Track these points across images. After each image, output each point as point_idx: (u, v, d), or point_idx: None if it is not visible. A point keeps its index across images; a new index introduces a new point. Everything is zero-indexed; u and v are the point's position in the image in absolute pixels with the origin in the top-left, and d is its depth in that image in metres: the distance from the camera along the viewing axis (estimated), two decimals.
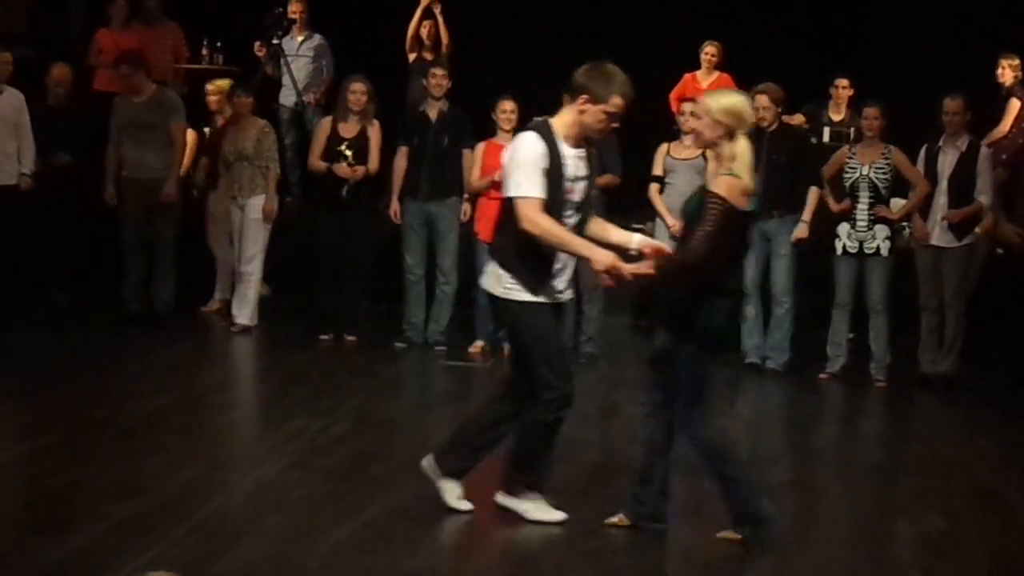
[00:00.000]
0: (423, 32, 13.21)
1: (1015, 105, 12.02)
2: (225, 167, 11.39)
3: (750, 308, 10.48)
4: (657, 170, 10.77)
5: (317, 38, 13.25)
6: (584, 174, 6.33)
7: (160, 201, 11.00)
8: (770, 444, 8.74)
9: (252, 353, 11.03)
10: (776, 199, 10.22)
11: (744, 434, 8.43)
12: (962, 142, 10.20)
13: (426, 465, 6.60)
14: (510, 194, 6.26)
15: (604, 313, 10.70)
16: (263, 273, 11.34)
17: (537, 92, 10.90)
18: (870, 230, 10.20)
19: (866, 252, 10.22)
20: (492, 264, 6.42)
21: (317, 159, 10.85)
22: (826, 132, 12.22)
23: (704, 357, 6.16)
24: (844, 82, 12.22)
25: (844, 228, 10.24)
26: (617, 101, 6.25)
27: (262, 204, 11.15)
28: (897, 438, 9.19)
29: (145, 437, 7.89)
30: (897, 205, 10.45)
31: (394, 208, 10.92)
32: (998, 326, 10.42)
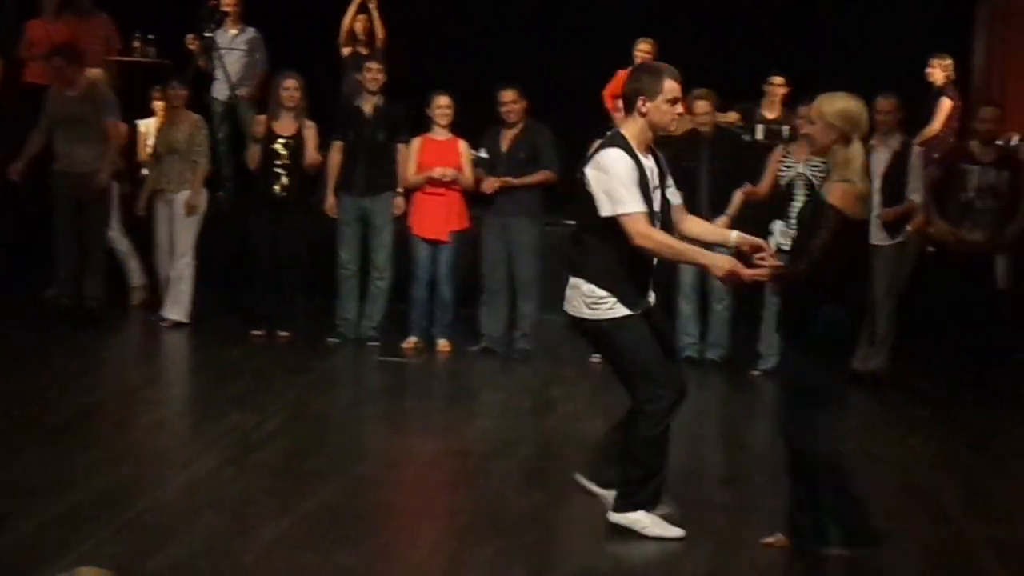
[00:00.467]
0: (358, 27, 13.18)
1: (946, 104, 12.16)
2: (155, 160, 11.30)
3: (687, 306, 10.56)
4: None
5: (250, 31, 13.15)
6: (658, 183, 6.26)
7: (91, 194, 10.89)
8: (703, 439, 8.76)
9: (184, 349, 10.93)
10: (719, 204, 10.27)
11: (676, 429, 8.42)
12: (895, 141, 10.29)
13: (616, 519, 6.35)
14: (613, 212, 6.09)
15: (539, 310, 10.67)
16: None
17: (472, 87, 11.00)
18: None
19: None
20: (578, 286, 6.24)
21: (254, 161, 10.77)
22: (759, 130, 12.29)
23: (818, 366, 6.06)
24: (779, 80, 12.28)
25: (778, 225, 10.25)
26: (671, 84, 6.22)
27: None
28: None
29: (76, 434, 7.81)
30: None
31: (330, 203, 10.84)
32: (929, 324, 10.49)
